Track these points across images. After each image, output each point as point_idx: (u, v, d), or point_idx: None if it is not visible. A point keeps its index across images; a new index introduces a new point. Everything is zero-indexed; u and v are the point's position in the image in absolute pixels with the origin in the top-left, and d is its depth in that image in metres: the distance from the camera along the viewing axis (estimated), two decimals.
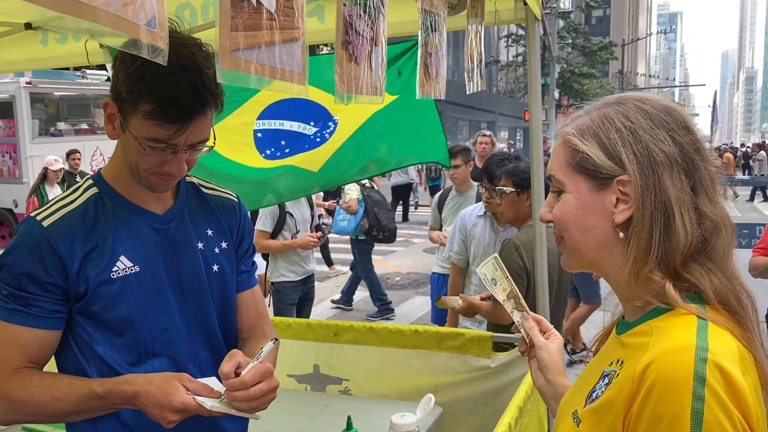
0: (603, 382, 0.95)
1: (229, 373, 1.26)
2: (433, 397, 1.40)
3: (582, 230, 1.00)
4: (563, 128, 1.04)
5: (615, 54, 35.34)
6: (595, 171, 0.97)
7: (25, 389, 1.30)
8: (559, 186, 1.02)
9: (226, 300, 1.52)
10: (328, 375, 2.80)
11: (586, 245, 1.00)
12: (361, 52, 1.42)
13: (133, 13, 0.84)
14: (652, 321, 0.94)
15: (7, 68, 3.61)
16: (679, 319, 0.91)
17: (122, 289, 1.34)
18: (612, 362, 0.96)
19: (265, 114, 3.16)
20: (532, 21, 2.36)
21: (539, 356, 1.26)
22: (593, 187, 0.98)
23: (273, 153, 3.20)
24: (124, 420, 1.36)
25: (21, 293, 1.30)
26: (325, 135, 3.18)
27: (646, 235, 0.93)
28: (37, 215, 1.34)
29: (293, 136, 3.18)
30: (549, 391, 1.24)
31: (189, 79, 1.24)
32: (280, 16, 1.18)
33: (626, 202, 0.95)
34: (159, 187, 1.37)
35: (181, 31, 1.33)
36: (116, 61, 1.30)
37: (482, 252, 3.57)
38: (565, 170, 1.01)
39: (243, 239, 1.57)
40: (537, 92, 2.40)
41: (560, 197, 1.02)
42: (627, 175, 0.94)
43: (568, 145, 1.00)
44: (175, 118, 1.25)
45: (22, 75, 10.49)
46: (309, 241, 4.33)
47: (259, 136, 3.17)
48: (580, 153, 0.98)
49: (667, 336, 0.89)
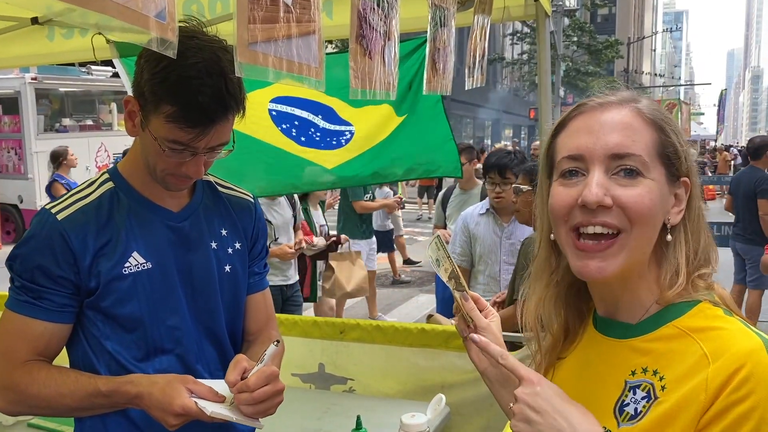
0: (635, 395, 0.88)
1: (234, 381, 1.25)
2: (444, 397, 1.38)
3: (655, 227, 0.89)
4: (638, 103, 0.91)
5: (620, 52, 35.23)
6: (677, 162, 0.90)
7: (32, 382, 1.30)
8: (641, 168, 0.87)
9: (236, 301, 1.50)
10: (333, 374, 2.79)
11: (648, 245, 0.89)
12: (374, 47, 1.41)
13: (142, 4, 0.83)
14: (675, 323, 0.89)
15: (14, 63, 3.61)
16: (705, 315, 0.88)
17: (133, 285, 1.34)
18: (634, 371, 0.89)
19: (278, 100, 3.19)
20: (542, 17, 2.34)
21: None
22: (668, 179, 0.90)
23: (288, 129, 3.21)
24: (133, 418, 1.35)
25: (33, 286, 1.30)
26: (342, 140, 3.20)
27: (698, 236, 0.91)
28: (51, 208, 1.34)
29: (304, 122, 3.21)
30: (494, 375, 1.14)
31: (214, 84, 1.23)
32: (297, 9, 1.17)
33: (679, 205, 0.91)
34: (175, 186, 1.37)
35: (206, 32, 1.31)
36: (140, 59, 1.28)
37: (488, 251, 3.55)
38: (650, 152, 0.89)
39: (257, 241, 1.56)
40: (547, 88, 2.39)
41: (638, 181, 0.88)
42: (686, 178, 0.91)
43: (657, 125, 0.90)
44: (197, 122, 1.24)
45: (28, 71, 10.50)
46: (286, 252, 4.18)
47: (274, 114, 3.18)
48: (668, 138, 0.90)
49: (725, 338, 0.84)
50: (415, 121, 3.18)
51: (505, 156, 3.50)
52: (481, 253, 3.56)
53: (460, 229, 3.69)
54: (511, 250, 3.49)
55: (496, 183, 3.45)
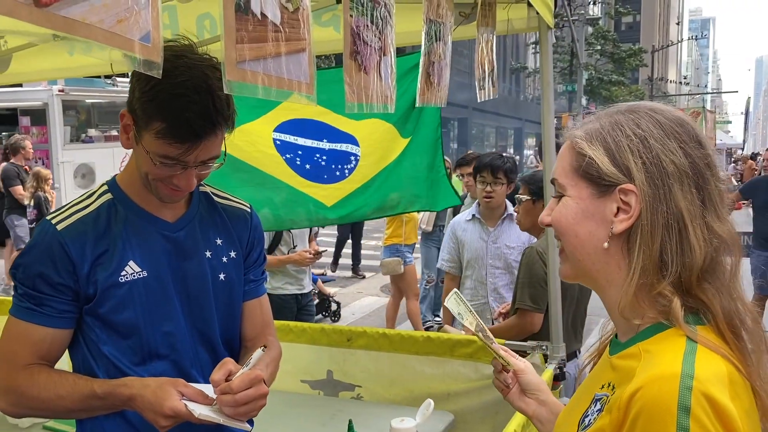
0: (595, 407, 0.92)
1: (219, 381, 1.29)
2: (432, 402, 1.42)
3: (579, 236, 0.98)
4: (572, 132, 1.02)
5: (644, 61, 34.91)
6: (599, 177, 0.95)
7: (33, 385, 1.35)
8: (561, 190, 1.00)
9: (232, 308, 1.55)
10: (341, 381, 2.82)
11: (582, 252, 0.98)
12: (369, 62, 1.44)
13: (127, 28, 0.87)
14: (641, 343, 0.91)
15: (37, 77, 3.73)
16: (668, 342, 0.88)
17: (129, 293, 1.39)
18: (603, 385, 0.93)
19: (280, 129, 3.20)
20: (544, 30, 2.36)
21: (525, 380, 1.23)
22: (595, 193, 0.96)
23: (293, 158, 3.24)
24: (130, 419, 1.40)
25: (34, 293, 1.36)
26: (345, 170, 3.19)
27: (658, 247, 0.90)
28: (52, 218, 1.40)
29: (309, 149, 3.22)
30: (545, 414, 1.20)
31: (201, 101, 1.28)
32: (286, 28, 1.19)
33: (627, 212, 0.92)
34: (168, 198, 1.42)
35: (197, 50, 1.36)
36: (133, 77, 1.34)
37: (475, 255, 3.58)
38: (568, 174, 0.99)
39: (252, 249, 1.60)
40: (549, 100, 2.41)
41: (560, 201, 1.00)
42: (631, 184, 0.92)
43: (575, 149, 0.99)
44: (185, 138, 1.29)
45: (55, 83, 10.76)
46: (305, 257, 4.25)
47: (278, 143, 3.22)
48: (586, 158, 0.96)
49: (653, 362, 0.86)
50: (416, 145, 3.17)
51: (498, 158, 3.58)
52: (468, 258, 3.61)
53: (448, 236, 3.76)
54: (497, 254, 3.54)
55: (487, 182, 3.48)
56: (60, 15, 0.77)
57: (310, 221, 3.34)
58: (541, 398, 1.22)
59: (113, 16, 0.84)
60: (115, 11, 0.84)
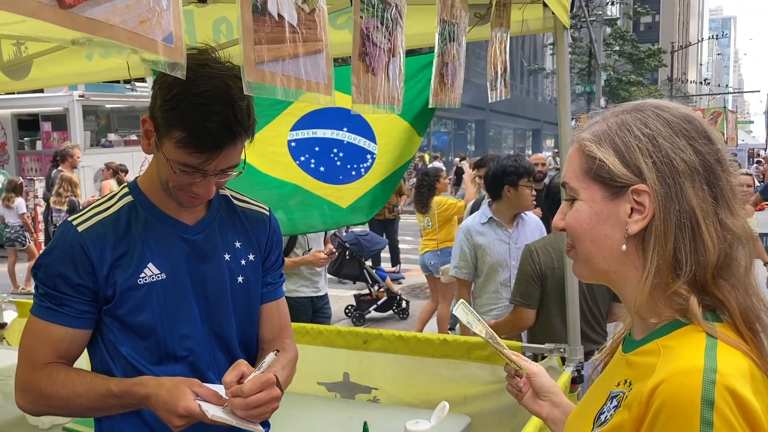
0: (611, 404, 0.92)
1: (230, 383, 1.30)
2: (447, 405, 1.41)
3: (594, 240, 0.96)
4: (579, 134, 1.01)
5: (663, 61, 34.56)
6: (610, 179, 0.94)
7: (51, 383, 1.37)
8: (573, 194, 0.99)
9: (249, 311, 1.55)
10: (357, 384, 2.82)
11: (597, 255, 0.97)
12: (378, 64, 1.44)
13: (150, 29, 0.88)
14: (659, 340, 0.91)
15: (57, 82, 3.78)
16: (687, 338, 0.88)
17: (148, 295, 1.40)
18: (619, 382, 0.93)
19: (298, 125, 3.21)
20: (560, 30, 2.35)
21: (539, 383, 1.23)
22: (607, 195, 0.95)
23: (307, 160, 3.25)
24: (147, 419, 1.41)
25: (55, 293, 1.37)
26: (361, 169, 3.20)
27: (671, 246, 0.89)
28: (73, 220, 1.41)
29: (326, 143, 3.23)
30: (559, 416, 1.20)
31: (222, 112, 1.28)
32: (303, 29, 1.20)
33: (641, 212, 0.92)
34: (187, 204, 1.43)
35: (219, 59, 1.36)
36: (155, 84, 1.35)
37: (499, 258, 3.53)
38: (579, 177, 0.98)
39: (271, 252, 1.60)
40: (566, 101, 2.39)
41: (573, 205, 0.99)
42: (643, 184, 0.91)
43: (584, 151, 0.98)
44: (205, 148, 1.30)
45: (76, 88, 10.92)
46: (319, 258, 4.21)
47: (293, 145, 3.23)
48: (596, 160, 0.95)
49: (674, 357, 0.86)
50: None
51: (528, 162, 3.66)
52: (491, 262, 3.54)
53: (462, 241, 3.62)
54: (518, 254, 3.51)
55: (531, 187, 3.50)
56: (84, 16, 0.78)
57: (326, 225, 3.34)
58: (555, 400, 1.22)
59: (136, 17, 0.84)
60: (138, 12, 0.84)
